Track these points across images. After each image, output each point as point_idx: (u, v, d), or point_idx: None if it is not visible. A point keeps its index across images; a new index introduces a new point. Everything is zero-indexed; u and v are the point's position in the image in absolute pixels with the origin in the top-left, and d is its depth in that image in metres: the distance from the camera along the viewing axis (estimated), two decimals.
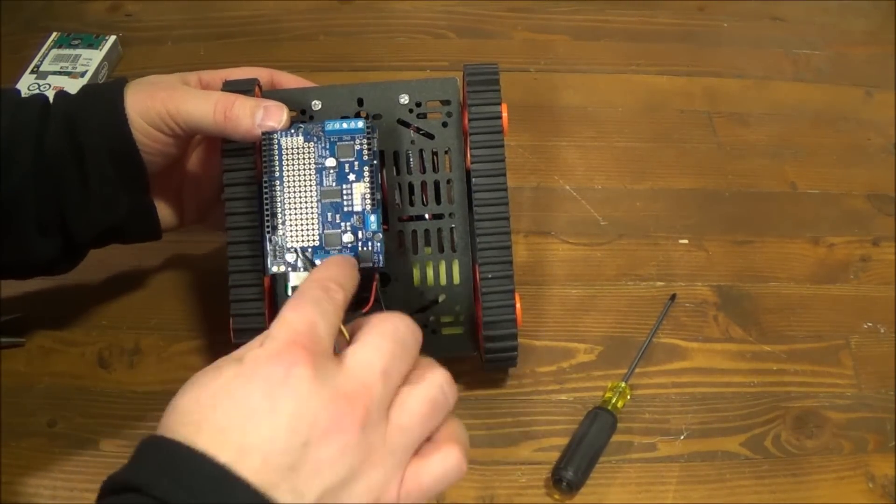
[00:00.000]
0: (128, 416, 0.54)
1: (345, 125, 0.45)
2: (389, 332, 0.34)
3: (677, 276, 0.61)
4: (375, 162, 0.45)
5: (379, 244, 0.45)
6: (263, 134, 0.45)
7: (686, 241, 0.63)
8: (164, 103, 0.47)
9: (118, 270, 0.60)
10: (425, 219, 0.51)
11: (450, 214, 0.51)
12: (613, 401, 0.53)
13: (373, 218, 0.45)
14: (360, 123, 0.46)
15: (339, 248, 0.44)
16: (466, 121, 0.50)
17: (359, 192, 0.45)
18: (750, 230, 0.63)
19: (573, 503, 0.50)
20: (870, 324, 0.59)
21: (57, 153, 0.47)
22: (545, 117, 0.70)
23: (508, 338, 0.49)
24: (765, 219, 0.64)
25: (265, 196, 0.45)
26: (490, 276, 0.48)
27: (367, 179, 0.45)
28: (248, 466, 0.30)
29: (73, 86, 0.68)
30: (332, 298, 0.35)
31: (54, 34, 0.73)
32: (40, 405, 0.54)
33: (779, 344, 0.58)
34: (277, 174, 0.45)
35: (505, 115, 0.50)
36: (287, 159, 0.46)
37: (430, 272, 0.51)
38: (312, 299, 0.34)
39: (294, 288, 0.44)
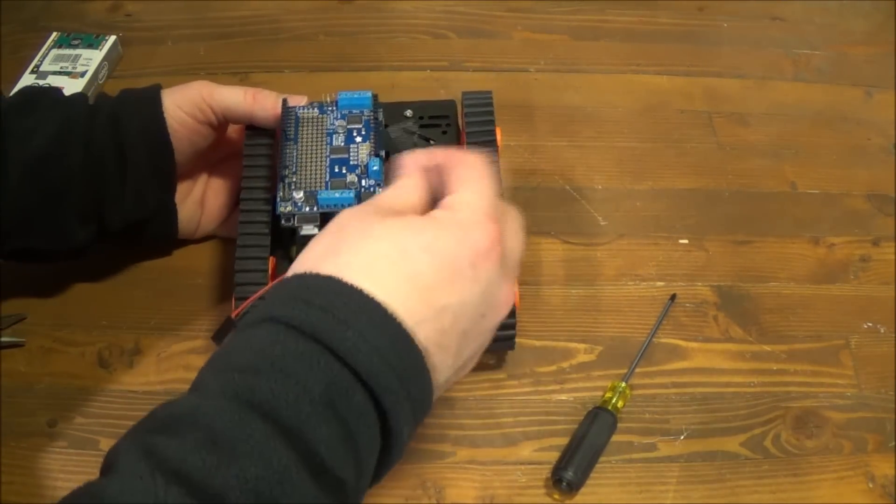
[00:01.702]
0: (128, 416, 0.54)
1: (355, 96, 0.54)
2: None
3: (677, 276, 0.61)
4: (381, 128, 0.53)
5: (381, 190, 0.50)
6: (284, 108, 0.52)
7: (686, 241, 0.63)
8: (199, 90, 0.54)
9: (118, 270, 0.60)
10: None
11: None
12: (613, 401, 0.53)
13: (375, 160, 0.51)
14: (369, 94, 0.54)
15: (343, 189, 0.50)
16: (464, 139, 0.54)
17: (364, 151, 0.52)
18: (750, 230, 0.63)
19: (573, 503, 0.50)
20: (870, 324, 0.59)
21: (102, 149, 0.52)
22: (545, 117, 0.70)
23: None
24: (765, 219, 0.64)
25: (281, 155, 0.51)
26: None
27: (372, 140, 0.52)
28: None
29: (73, 86, 0.68)
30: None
31: (54, 34, 0.73)
32: (40, 405, 0.54)
33: (779, 344, 0.58)
34: (293, 136, 0.53)
35: (499, 136, 0.54)
36: (303, 126, 0.53)
37: None
38: (490, 175, 0.41)
39: (304, 237, 0.50)
